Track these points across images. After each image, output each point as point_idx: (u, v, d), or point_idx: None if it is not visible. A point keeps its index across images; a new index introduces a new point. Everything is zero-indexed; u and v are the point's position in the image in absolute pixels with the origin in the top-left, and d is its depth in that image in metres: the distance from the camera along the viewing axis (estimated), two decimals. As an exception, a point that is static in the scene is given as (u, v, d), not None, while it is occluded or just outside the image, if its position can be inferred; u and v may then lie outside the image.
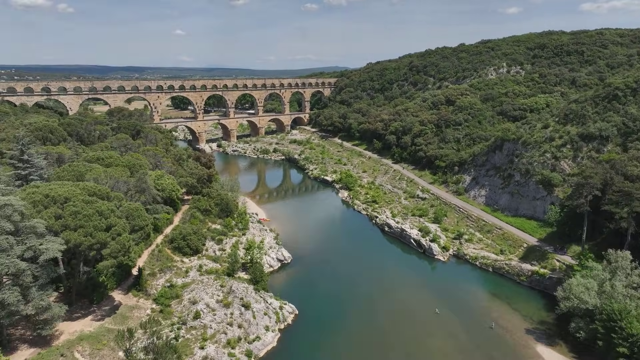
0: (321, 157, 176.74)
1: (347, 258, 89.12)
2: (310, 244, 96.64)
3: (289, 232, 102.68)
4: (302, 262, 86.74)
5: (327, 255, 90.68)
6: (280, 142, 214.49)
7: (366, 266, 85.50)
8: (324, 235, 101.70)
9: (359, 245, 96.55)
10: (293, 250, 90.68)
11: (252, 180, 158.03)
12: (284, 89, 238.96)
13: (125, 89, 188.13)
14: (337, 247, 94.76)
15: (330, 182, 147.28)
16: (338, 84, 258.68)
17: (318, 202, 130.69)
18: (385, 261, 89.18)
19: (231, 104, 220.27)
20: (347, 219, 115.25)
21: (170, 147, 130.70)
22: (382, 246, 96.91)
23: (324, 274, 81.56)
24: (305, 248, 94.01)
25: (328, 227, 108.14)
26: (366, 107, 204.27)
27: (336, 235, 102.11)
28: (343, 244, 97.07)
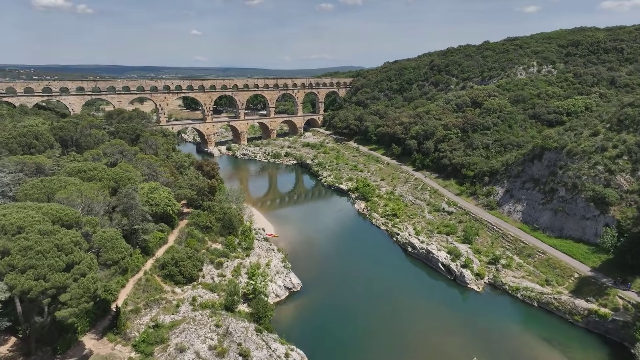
0: (335, 162, 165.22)
1: (366, 285, 77.38)
2: (323, 266, 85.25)
3: (299, 250, 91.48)
4: (313, 290, 75.34)
5: (342, 281, 79.16)
6: (293, 145, 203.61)
7: (388, 296, 73.68)
8: (338, 256, 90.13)
9: (378, 269, 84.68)
10: (303, 274, 79.44)
11: (261, 188, 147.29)
12: (297, 90, 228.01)
13: (131, 89, 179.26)
14: (353, 271, 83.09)
15: (345, 190, 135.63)
16: (354, 84, 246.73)
17: (332, 214, 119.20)
18: (409, 290, 77.20)
19: (241, 105, 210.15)
20: (364, 235, 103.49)
21: (172, 152, 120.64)
22: (405, 270, 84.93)
23: (339, 307, 69.97)
24: (317, 271, 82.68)
25: (343, 245, 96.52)
26: (384, 109, 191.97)
27: (352, 256, 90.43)
28: (360, 266, 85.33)
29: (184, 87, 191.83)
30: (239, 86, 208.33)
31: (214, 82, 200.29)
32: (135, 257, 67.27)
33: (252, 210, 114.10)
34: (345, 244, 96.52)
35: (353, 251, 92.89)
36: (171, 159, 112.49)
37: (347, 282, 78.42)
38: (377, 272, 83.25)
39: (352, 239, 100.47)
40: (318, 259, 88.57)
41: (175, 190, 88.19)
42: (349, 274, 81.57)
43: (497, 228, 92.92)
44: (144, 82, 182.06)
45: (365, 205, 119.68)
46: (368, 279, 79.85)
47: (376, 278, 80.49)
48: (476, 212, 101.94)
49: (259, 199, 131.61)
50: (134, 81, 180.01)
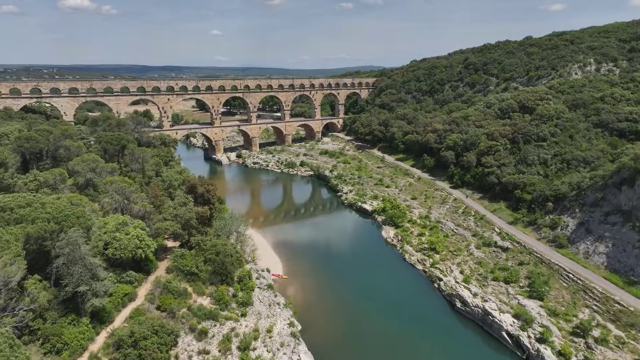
0: (357, 174, 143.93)
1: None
2: (345, 328, 64.31)
3: (313, 302, 70.94)
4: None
5: (371, 353, 58.06)
6: (309, 152, 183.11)
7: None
8: (364, 311, 68.96)
9: (419, 334, 63.21)
10: (318, 342, 58.84)
11: (271, 204, 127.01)
12: (315, 91, 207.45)
13: (130, 90, 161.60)
14: (386, 338, 61.82)
15: (369, 212, 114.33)
16: (377, 85, 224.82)
17: (354, 245, 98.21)
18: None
19: (253, 108, 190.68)
20: (396, 278, 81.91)
21: (163, 167, 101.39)
22: (455, 337, 63.16)
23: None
24: (337, 337, 61.87)
25: (370, 292, 75.19)
26: (412, 113, 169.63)
27: (383, 312, 69.06)
28: (394, 330, 63.94)
29: (190, 87, 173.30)
30: (251, 87, 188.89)
31: (223, 83, 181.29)
32: (79, 330, 47.73)
33: (257, 239, 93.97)
34: (373, 292, 75.10)
35: (384, 304, 71.43)
36: (160, 177, 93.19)
37: (379, 356, 57.30)
38: (418, 339, 61.77)
39: (382, 284, 78.92)
40: (338, 314, 67.71)
41: (154, 224, 68.57)
42: (381, 344, 60.35)
43: (574, 276, 70.28)
44: (145, 83, 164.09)
45: (395, 234, 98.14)
46: (406, 350, 58.50)
47: (417, 348, 59.09)
48: (541, 251, 79.32)
49: (267, 221, 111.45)
50: (134, 81, 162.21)
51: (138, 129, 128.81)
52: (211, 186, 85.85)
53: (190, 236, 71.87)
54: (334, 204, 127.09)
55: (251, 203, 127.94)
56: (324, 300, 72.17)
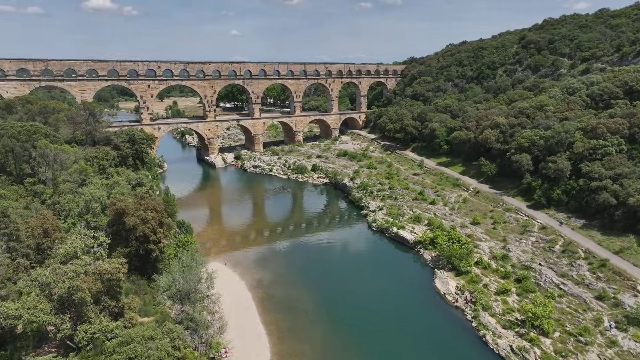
0: (388, 184, 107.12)
1: None
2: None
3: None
4: None
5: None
6: (324, 153, 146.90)
7: None
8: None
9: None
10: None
11: (268, 228, 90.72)
12: (332, 79, 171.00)
13: (99, 73, 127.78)
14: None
15: (410, 243, 77.36)
16: (407, 73, 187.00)
17: (394, 306, 60.88)
18: None
19: (256, 99, 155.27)
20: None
21: (96, 178, 66.19)
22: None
23: None
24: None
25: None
26: (457, 104, 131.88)
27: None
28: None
29: (176, 72, 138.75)
30: (253, 72, 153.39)
31: (218, 66, 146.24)
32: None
33: (238, 293, 58.41)
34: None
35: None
36: (59, 204, 57.44)
37: None
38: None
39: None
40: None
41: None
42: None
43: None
44: (119, 65, 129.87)
45: (460, 287, 60.80)
46: None
47: None
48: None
49: (260, 258, 75.30)
50: (104, 62, 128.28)
51: (91, 122, 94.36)
52: (158, 214, 50.01)
53: (81, 322, 36.18)
54: (356, 227, 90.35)
55: (239, 226, 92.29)
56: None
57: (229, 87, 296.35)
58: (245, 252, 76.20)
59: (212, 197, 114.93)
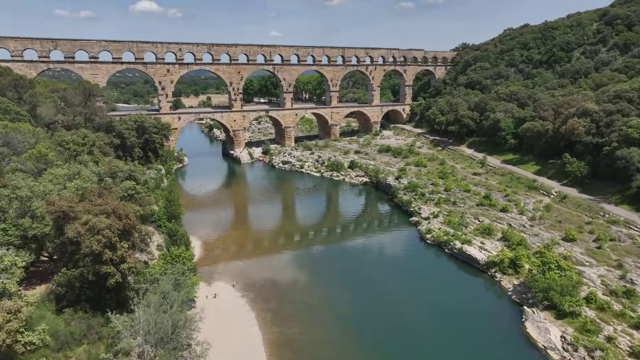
0: (443, 185, 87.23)
1: None
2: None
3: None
4: None
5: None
6: (363, 149, 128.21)
7: None
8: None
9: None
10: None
11: (294, 237, 72.90)
12: (374, 66, 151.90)
13: (113, 55, 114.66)
14: None
15: (481, 264, 57.52)
16: (460, 60, 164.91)
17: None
18: None
19: (287, 87, 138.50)
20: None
21: (56, 166, 50.46)
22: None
23: None
24: None
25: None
26: (525, 92, 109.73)
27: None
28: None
29: (199, 55, 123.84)
30: (285, 57, 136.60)
31: (246, 50, 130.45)
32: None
33: (245, 331, 41.09)
34: None
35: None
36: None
37: None
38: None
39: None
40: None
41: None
42: None
43: None
44: (135, 46, 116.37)
45: (571, 341, 40.52)
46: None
47: None
48: None
49: (280, 278, 57.57)
50: (118, 43, 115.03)
51: (89, 104, 79.92)
52: (124, 220, 33.00)
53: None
54: (405, 238, 71.10)
55: (258, 233, 75.09)
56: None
57: (262, 81, 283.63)
58: (262, 267, 58.78)
59: (232, 196, 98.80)
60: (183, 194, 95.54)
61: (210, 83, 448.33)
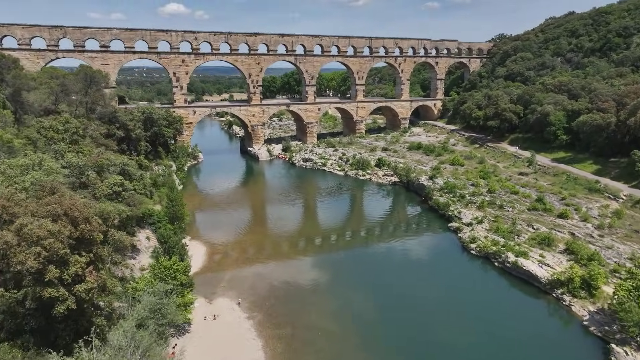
0: (485, 186, 76.10)
1: None
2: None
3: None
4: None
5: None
6: (391, 146, 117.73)
7: None
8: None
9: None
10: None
11: (314, 243, 63.37)
12: (403, 58, 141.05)
13: (125, 45, 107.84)
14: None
15: (542, 282, 46.58)
16: (497, 51, 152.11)
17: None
18: None
19: (310, 79, 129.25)
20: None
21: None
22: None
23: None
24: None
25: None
26: (578, 82, 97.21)
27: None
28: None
29: (216, 44, 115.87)
30: (308, 47, 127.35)
31: (266, 39, 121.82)
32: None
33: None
34: None
35: None
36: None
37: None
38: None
39: None
40: None
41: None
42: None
43: None
44: (148, 34, 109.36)
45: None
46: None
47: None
48: None
49: (296, 294, 47.99)
50: (131, 31, 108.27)
51: (90, 92, 72.51)
52: (81, 226, 23.62)
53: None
54: (443, 247, 60.57)
55: (272, 239, 65.77)
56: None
57: (285, 78, 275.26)
58: (274, 280, 49.42)
59: (247, 196, 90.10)
60: (194, 193, 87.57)
61: (234, 82, 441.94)
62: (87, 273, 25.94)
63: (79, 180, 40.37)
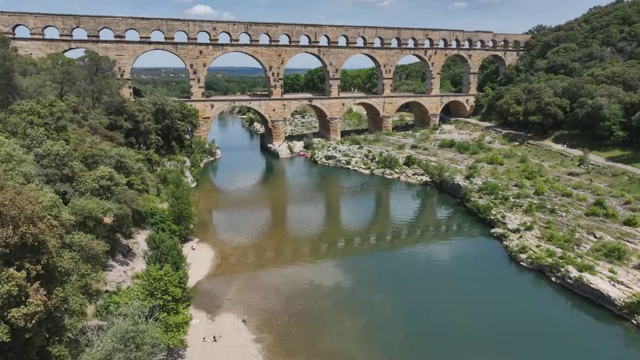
0: (531, 187, 67.08)
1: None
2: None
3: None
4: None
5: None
6: (421, 143, 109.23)
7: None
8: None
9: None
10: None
11: (336, 249, 55.97)
12: (433, 50, 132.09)
13: (140, 34, 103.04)
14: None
15: (615, 304, 37.85)
16: (536, 43, 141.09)
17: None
18: None
19: (334, 73, 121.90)
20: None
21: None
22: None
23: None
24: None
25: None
26: (635, 71, 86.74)
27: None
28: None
29: (235, 35, 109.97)
30: (332, 38, 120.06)
31: (287, 30, 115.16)
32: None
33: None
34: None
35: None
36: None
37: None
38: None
39: None
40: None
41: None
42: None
43: None
44: (165, 24, 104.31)
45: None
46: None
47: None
48: None
49: (314, 310, 40.69)
50: (146, 20, 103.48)
51: (96, 80, 67.17)
52: (30, 229, 16.44)
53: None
54: (486, 257, 52.09)
55: (289, 243, 58.69)
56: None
57: (309, 75, 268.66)
58: (289, 292, 42.27)
59: (264, 195, 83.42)
60: (209, 191, 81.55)
61: (258, 82, 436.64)
62: (31, 292, 19.30)
63: (60, 172, 34.16)
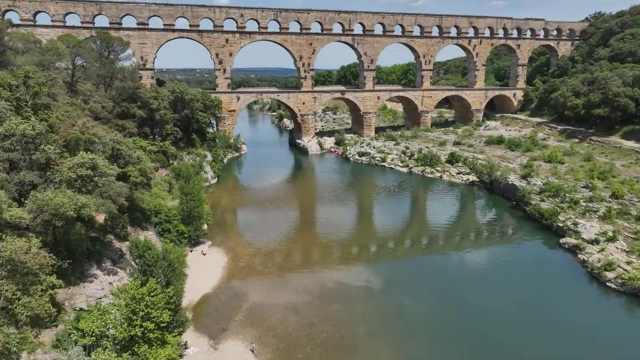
0: (606, 189, 56.16)
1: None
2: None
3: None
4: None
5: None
6: (464, 140, 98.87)
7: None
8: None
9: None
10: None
11: (369, 261, 47.28)
12: (478, 40, 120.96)
13: (164, 21, 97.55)
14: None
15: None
16: (594, 31, 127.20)
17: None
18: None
19: (369, 63, 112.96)
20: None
21: None
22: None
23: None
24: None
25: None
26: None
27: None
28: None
29: (264, 22, 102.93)
30: (367, 26, 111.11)
31: (319, 17, 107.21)
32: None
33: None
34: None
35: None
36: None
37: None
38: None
39: None
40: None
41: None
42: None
43: None
44: (190, 10, 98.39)
45: None
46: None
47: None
48: None
49: (341, 338, 32.22)
50: (170, 7, 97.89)
51: (107, 62, 61.13)
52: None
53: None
54: (555, 271, 42.08)
55: (317, 250, 50.43)
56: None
57: (342, 71, 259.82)
58: (311, 312, 33.96)
59: (290, 194, 75.57)
60: (230, 188, 74.58)
61: (291, 81, 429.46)
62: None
63: (29, 157, 27.17)
